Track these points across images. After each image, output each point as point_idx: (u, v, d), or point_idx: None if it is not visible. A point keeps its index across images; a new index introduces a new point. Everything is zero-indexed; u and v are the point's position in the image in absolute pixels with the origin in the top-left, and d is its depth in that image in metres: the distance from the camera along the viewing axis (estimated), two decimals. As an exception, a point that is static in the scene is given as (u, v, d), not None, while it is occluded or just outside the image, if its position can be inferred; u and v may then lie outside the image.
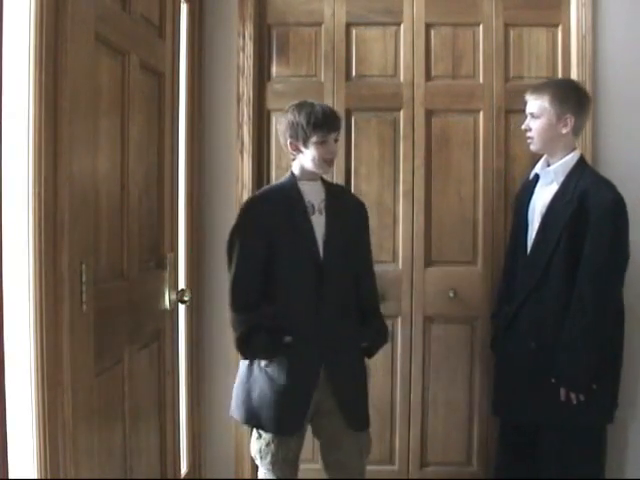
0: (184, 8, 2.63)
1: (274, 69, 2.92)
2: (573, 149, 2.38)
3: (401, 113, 2.88)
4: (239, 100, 2.84)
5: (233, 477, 2.90)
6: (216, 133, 2.86)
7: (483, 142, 2.86)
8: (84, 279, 1.61)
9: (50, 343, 1.51)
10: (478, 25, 2.87)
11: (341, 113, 2.86)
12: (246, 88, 2.84)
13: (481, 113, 2.86)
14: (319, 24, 2.89)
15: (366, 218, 2.36)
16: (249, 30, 2.84)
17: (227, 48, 2.85)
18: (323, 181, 2.29)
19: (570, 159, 2.36)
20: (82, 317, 1.62)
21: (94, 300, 1.68)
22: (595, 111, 2.76)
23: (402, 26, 2.88)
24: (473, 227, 2.87)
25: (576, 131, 2.38)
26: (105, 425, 1.81)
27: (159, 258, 2.29)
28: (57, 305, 1.53)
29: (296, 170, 2.24)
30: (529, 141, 2.42)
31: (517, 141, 2.84)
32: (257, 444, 2.26)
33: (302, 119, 2.16)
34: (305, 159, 2.20)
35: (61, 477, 1.53)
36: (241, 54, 2.84)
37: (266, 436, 2.22)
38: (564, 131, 2.33)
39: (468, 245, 2.88)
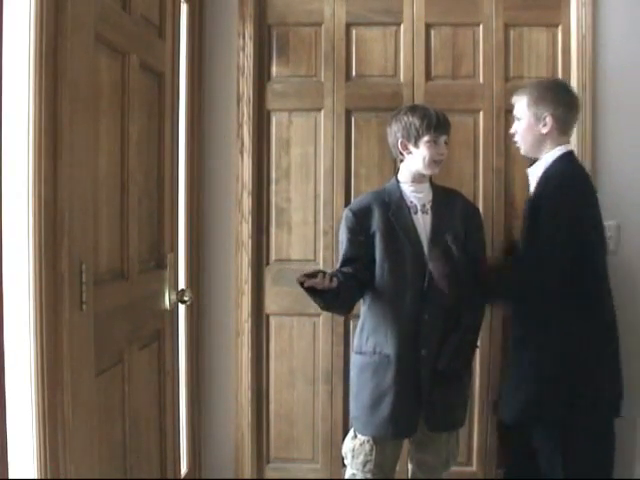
0: (184, 8, 2.63)
1: (274, 69, 2.92)
2: (559, 147, 2.34)
3: (401, 113, 2.87)
4: (239, 100, 2.84)
5: (233, 477, 2.90)
6: (216, 133, 2.86)
7: (483, 142, 2.86)
8: (84, 279, 1.61)
9: (50, 343, 1.50)
10: (478, 25, 2.87)
11: (341, 113, 2.88)
12: (246, 88, 2.84)
13: (481, 113, 2.86)
14: (319, 24, 2.89)
15: (477, 220, 2.39)
16: (249, 30, 2.84)
17: (227, 48, 2.85)
18: (432, 184, 2.36)
19: (549, 156, 2.33)
20: (82, 317, 1.62)
21: (94, 300, 1.68)
22: (595, 111, 2.76)
23: (402, 26, 2.88)
24: (473, 227, 2.87)
25: (562, 130, 2.34)
26: (105, 425, 1.81)
27: (159, 258, 2.29)
28: (57, 305, 1.53)
29: (402, 174, 2.34)
30: (517, 145, 2.43)
31: (517, 141, 2.85)
32: (351, 443, 2.32)
33: (416, 119, 2.26)
34: (414, 159, 2.29)
35: (61, 477, 1.53)
36: (241, 54, 2.84)
37: (361, 437, 2.29)
38: (544, 131, 2.31)
39: (468, 245, 2.87)
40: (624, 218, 2.78)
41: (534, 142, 2.35)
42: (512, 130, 2.43)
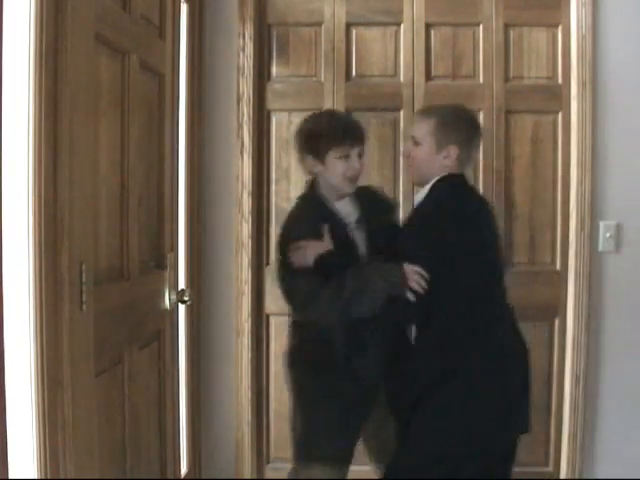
0: (184, 8, 2.63)
1: (274, 69, 2.92)
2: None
3: (401, 113, 2.88)
4: (239, 100, 2.84)
5: (233, 477, 2.90)
6: (216, 133, 2.86)
7: (483, 142, 2.86)
8: (84, 279, 1.61)
9: (50, 343, 1.50)
10: (478, 25, 2.87)
11: (341, 113, 2.87)
12: (246, 88, 2.84)
13: (481, 113, 2.86)
14: (319, 24, 2.89)
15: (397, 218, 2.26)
16: (249, 30, 2.84)
17: (227, 48, 2.85)
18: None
19: (430, 184, 2.07)
20: (82, 317, 1.62)
21: (94, 300, 1.68)
22: (595, 111, 2.76)
23: (402, 26, 2.88)
24: (473, 227, 2.87)
25: (463, 164, 2.09)
26: (105, 425, 1.81)
27: (159, 258, 2.29)
28: (57, 305, 1.53)
29: (322, 187, 2.06)
30: (409, 170, 2.16)
31: (517, 141, 2.85)
32: None
33: (319, 131, 1.98)
34: (327, 175, 2.03)
35: (61, 477, 1.53)
36: (241, 54, 2.84)
37: None
38: (446, 162, 2.05)
39: (468, 245, 2.87)
40: (624, 218, 2.78)
41: (430, 172, 2.07)
42: (404, 152, 2.16)
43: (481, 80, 2.88)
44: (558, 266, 2.89)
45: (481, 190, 2.85)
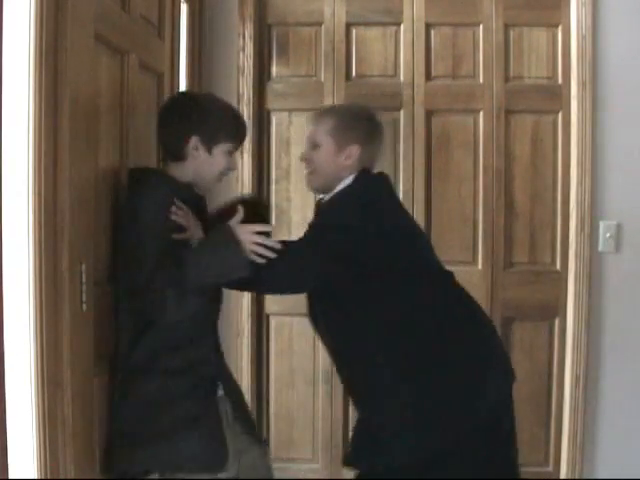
0: (184, 8, 2.63)
1: (274, 69, 2.92)
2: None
3: (401, 113, 2.88)
4: (239, 100, 2.84)
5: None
6: (216, 133, 2.86)
7: (483, 142, 2.86)
8: (84, 279, 1.61)
9: (50, 343, 1.50)
10: (478, 25, 2.87)
11: (341, 113, 2.87)
12: (246, 88, 2.84)
13: (481, 113, 2.86)
14: (319, 24, 2.89)
15: None
16: (249, 30, 2.84)
17: (227, 48, 2.85)
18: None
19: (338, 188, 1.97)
20: (82, 317, 1.62)
21: (94, 300, 1.68)
22: (595, 111, 2.76)
23: (402, 26, 2.88)
24: (473, 227, 2.87)
25: (365, 164, 1.98)
26: (105, 425, 1.81)
27: (159, 258, 2.28)
28: (57, 305, 1.53)
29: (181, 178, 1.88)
30: (309, 177, 2.04)
31: (517, 141, 2.85)
32: None
33: (221, 119, 1.85)
34: (200, 166, 1.86)
35: (61, 477, 1.53)
36: (241, 54, 2.84)
37: None
38: (347, 162, 1.95)
39: (468, 245, 2.88)
40: (624, 218, 2.78)
41: (332, 176, 1.96)
42: (302, 157, 2.05)
43: (481, 80, 2.88)
44: (558, 266, 2.89)
45: (481, 190, 2.86)
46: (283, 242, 1.82)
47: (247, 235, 1.73)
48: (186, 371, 1.80)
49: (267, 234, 1.78)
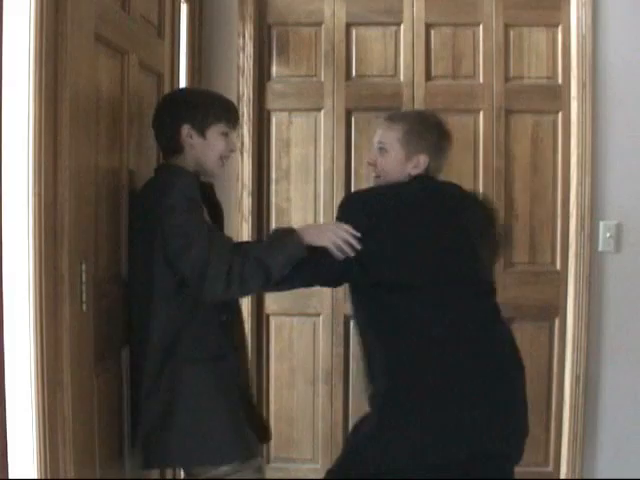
0: (184, 8, 2.63)
1: (274, 69, 2.92)
2: None
3: (401, 113, 2.88)
4: (239, 100, 2.84)
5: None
6: (216, 133, 2.86)
7: (483, 142, 2.86)
8: (84, 279, 1.61)
9: (50, 343, 1.50)
10: (478, 25, 2.87)
11: (341, 113, 2.88)
12: (246, 88, 2.85)
13: (481, 113, 2.86)
14: (319, 24, 2.89)
15: None
16: (249, 30, 2.84)
17: (227, 48, 2.85)
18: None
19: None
20: (82, 317, 1.62)
21: (94, 300, 1.68)
22: (595, 111, 2.76)
23: (402, 26, 2.88)
24: (473, 227, 2.87)
25: (430, 172, 1.98)
26: (105, 425, 1.81)
27: (159, 258, 2.28)
28: (57, 305, 1.53)
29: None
30: (376, 181, 2.01)
31: (517, 141, 2.85)
32: None
33: (208, 103, 1.88)
34: (198, 153, 1.89)
35: (61, 477, 1.53)
36: (241, 54, 2.84)
37: None
38: (414, 172, 1.94)
39: (468, 245, 2.87)
40: (624, 218, 2.78)
41: (397, 180, 1.96)
42: (369, 160, 2.03)
43: (481, 80, 2.88)
44: (558, 266, 2.89)
45: (481, 190, 2.86)
46: None
47: (339, 229, 1.82)
48: (217, 360, 1.88)
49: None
